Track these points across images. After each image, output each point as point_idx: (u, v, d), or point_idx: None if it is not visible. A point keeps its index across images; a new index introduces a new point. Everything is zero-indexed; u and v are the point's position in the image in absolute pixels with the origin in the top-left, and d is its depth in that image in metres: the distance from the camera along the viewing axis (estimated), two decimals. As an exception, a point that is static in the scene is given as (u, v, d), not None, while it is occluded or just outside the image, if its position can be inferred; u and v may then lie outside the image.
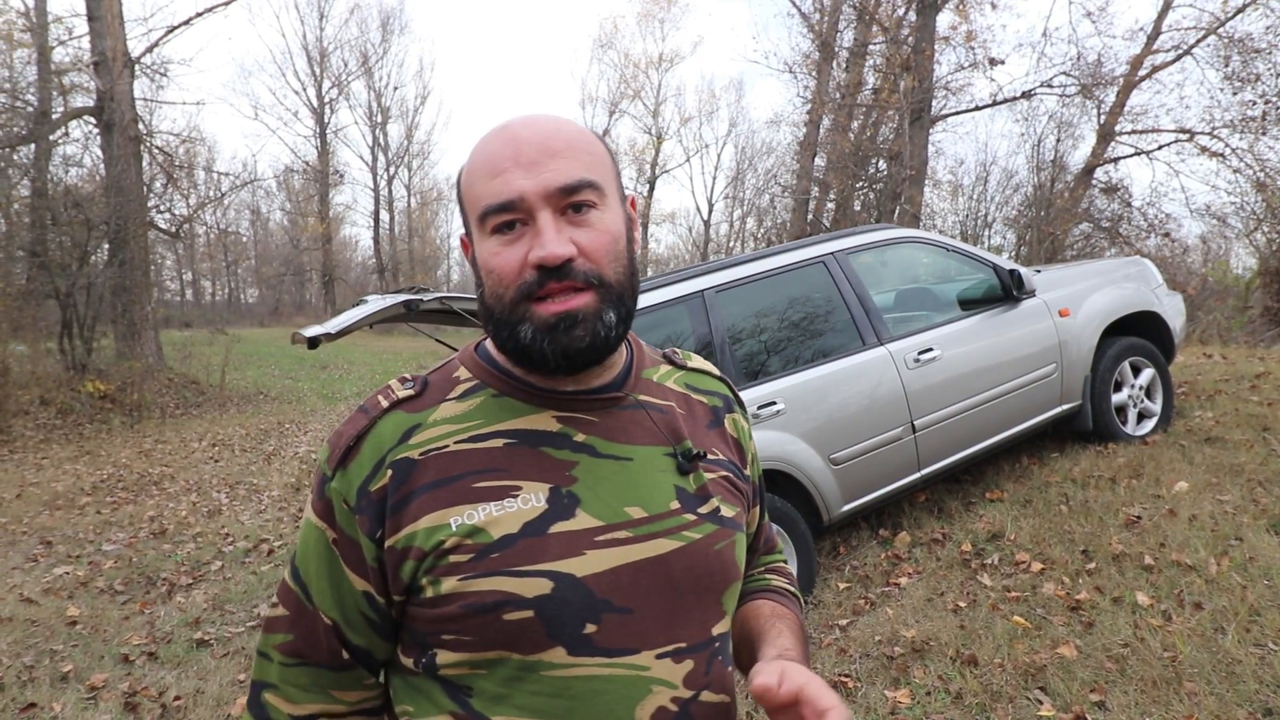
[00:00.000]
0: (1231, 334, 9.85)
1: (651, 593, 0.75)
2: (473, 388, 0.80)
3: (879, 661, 2.92)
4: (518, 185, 0.72)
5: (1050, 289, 4.31)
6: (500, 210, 0.72)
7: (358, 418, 0.79)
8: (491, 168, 0.73)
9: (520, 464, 0.76)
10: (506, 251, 0.73)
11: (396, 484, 0.74)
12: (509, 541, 0.72)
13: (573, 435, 0.78)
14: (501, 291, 0.74)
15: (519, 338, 0.74)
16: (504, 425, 0.77)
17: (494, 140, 0.75)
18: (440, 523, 0.73)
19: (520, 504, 0.74)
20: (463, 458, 0.75)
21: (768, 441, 3.47)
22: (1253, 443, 4.14)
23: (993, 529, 3.76)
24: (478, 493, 0.74)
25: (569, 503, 0.75)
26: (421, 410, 0.78)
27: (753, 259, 3.83)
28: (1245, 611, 2.68)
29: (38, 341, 11.19)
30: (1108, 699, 2.43)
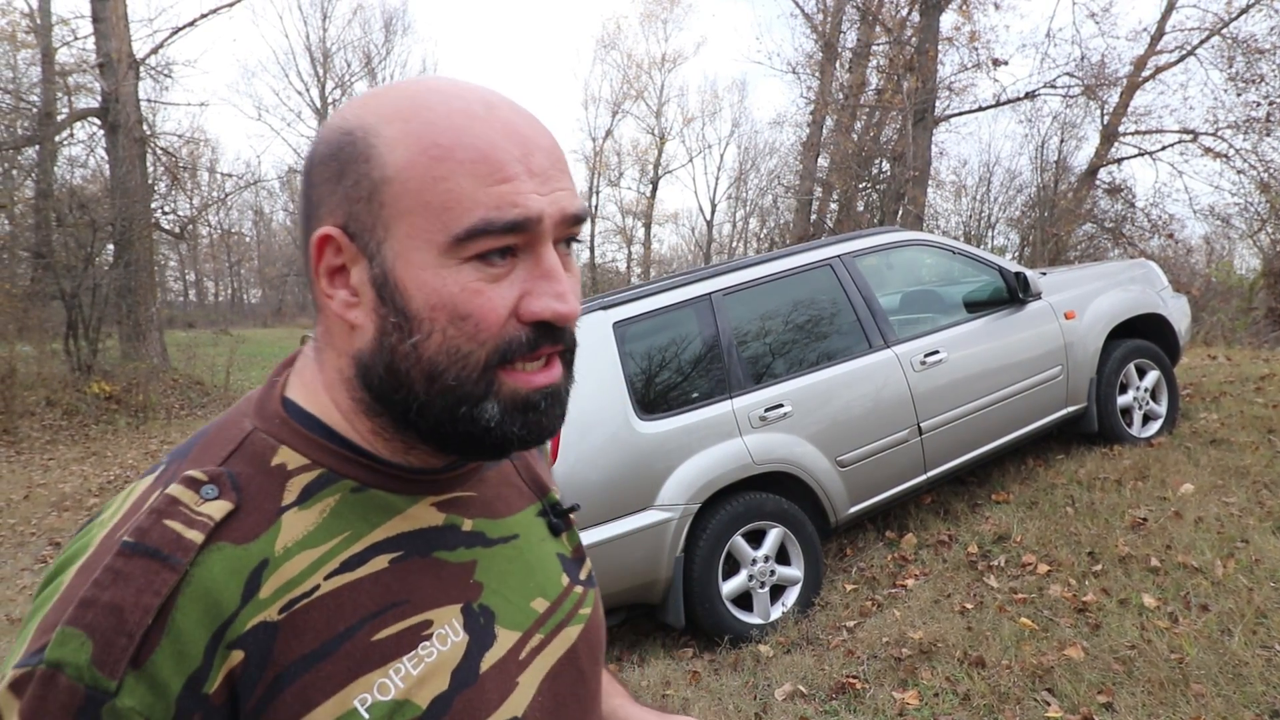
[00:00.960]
0: (1236, 335, 9.85)
1: (569, 698, 0.61)
2: (316, 482, 0.53)
3: (886, 663, 2.93)
4: (535, 203, 0.51)
5: (1055, 291, 4.32)
6: (505, 231, 0.50)
7: (146, 573, 0.46)
8: (491, 165, 0.50)
9: (419, 586, 0.54)
10: (491, 291, 0.51)
11: (255, 671, 0.47)
12: (444, 706, 0.52)
13: (460, 525, 0.58)
14: (470, 349, 0.51)
15: (479, 418, 0.52)
16: (380, 534, 0.54)
17: (485, 122, 0.51)
18: (344, 711, 0.48)
19: (438, 645, 0.53)
20: (344, 600, 0.51)
21: (775, 444, 3.49)
22: (1258, 445, 4.15)
23: (999, 531, 3.77)
24: (382, 649, 0.51)
25: (485, 622, 0.56)
26: (257, 536, 0.50)
27: (760, 262, 3.84)
28: (1251, 613, 2.69)
29: (43, 343, 11.23)
30: (1115, 700, 2.44)
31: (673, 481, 3.32)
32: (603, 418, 3.30)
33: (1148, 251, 14.52)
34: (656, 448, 3.33)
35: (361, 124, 0.52)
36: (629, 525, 3.25)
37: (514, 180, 0.50)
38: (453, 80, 0.54)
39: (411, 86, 0.53)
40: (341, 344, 0.55)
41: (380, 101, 0.53)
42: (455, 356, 0.51)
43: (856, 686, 2.83)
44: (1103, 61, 15.01)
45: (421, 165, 0.50)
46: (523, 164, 0.51)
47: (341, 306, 0.53)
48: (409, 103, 0.52)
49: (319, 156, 0.54)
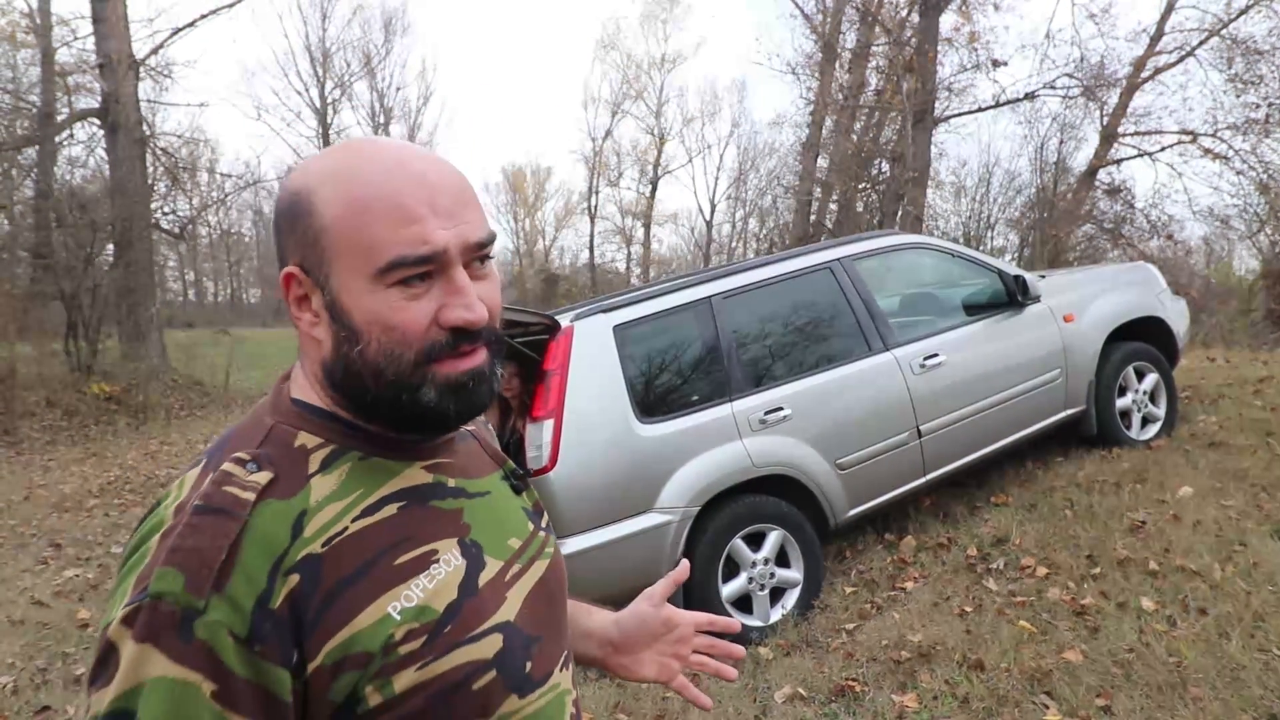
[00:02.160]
0: (1235, 337, 9.87)
1: (546, 614, 0.78)
2: (331, 455, 0.69)
3: (886, 666, 2.94)
4: (440, 237, 0.65)
5: (1055, 294, 4.33)
6: (418, 263, 0.65)
7: (216, 524, 0.61)
8: (403, 211, 0.64)
9: (422, 526, 0.70)
10: (413, 307, 0.66)
11: (309, 589, 0.62)
12: (455, 609, 0.67)
13: (446, 482, 0.75)
14: (400, 352, 0.66)
15: (420, 401, 0.68)
16: (386, 489, 0.70)
17: (396, 176, 0.66)
18: (380, 615, 0.63)
19: (445, 568, 0.69)
20: (368, 536, 0.66)
21: (775, 447, 3.50)
22: (1256, 448, 4.16)
23: (998, 533, 3.78)
24: (402, 570, 0.66)
25: (476, 551, 0.72)
26: (295, 494, 0.65)
27: (760, 265, 3.85)
28: (1250, 617, 2.70)
29: (43, 343, 11.24)
30: (1113, 704, 2.45)
31: (673, 484, 3.33)
32: (603, 421, 3.31)
33: (1147, 252, 14.53)
34: (656, 451, 3.34)
35: (306, 185, 0.68)
36: (629, 528, 3.26)
37: (421, 221, 0.65)
38: (377, 142, 0.69)
39: (344, 151, 0.69)
40: (313, 354, 0.72)
41: (320, 165, 0.69)
42: (390, 358, 0.67)
43: (856, 689, 2.83)
44: (1102, 62, 15.03)
45: (348, 216, 0.66)
46: (429, 206, 0.66)
47: (308, 326, 0.70)
48: (340, 165, 0.67)
49: (279, 212, 0.70)
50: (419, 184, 0.66)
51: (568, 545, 3.20)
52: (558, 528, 3.23)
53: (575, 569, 3.15)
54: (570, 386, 3.30)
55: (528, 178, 40.77)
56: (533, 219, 40.94)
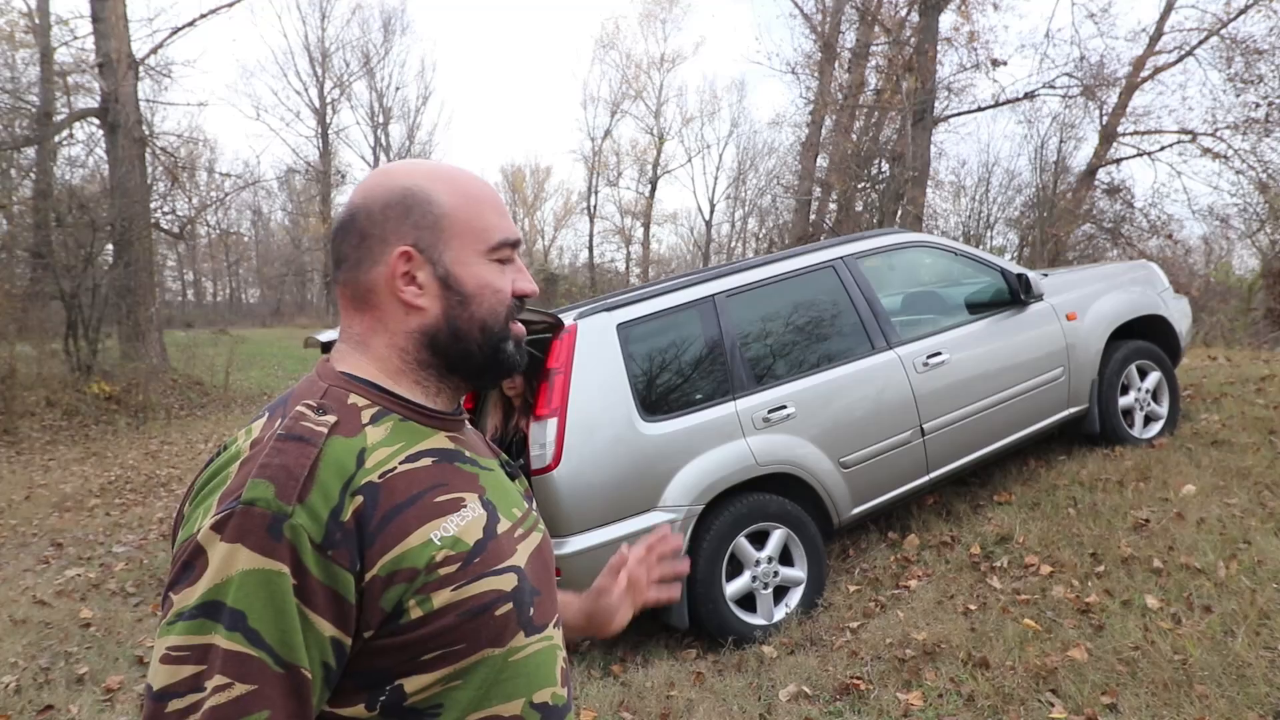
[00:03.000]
0: (1236, 336, 9.87)
1: (544, 575, 0.90)
2: (378, 414, 0.81)
3: (890, 664, 2.94)
4: (516, 230, 0.88)
5: (1057, 293, 4.33)
6: (512, 245, 0.87)
7: (298, 448, 0.73)
8: (500, 208, 0.87)
9: (452, 478, 0.82)
10: (503, 277, 0.86)
11: (370, 509, 0.73)
12: (481, 546, 0.79)
13: (464, 451, 0.87)
14: (500, 310, 0.85)
15: (503, 349, 0.86)
16: (422, 446, 0.82)
17: (486, 185, 0.88)
18: (424, 539, 0.75)
19: (472, 513, 0.81)
20: (414, 477, 0.78)
21: (778, 445, 3.49)
22: (1259, 446, 4.16)
23: (1001, 532, 3.78)
24: (441, 507, 0.78)
25: (491, 508, 0.84)
26: (355, 434, 0.78)
27: (763, 263, 3.85)
28: (1255, 614, 2.70)
29: (43, 343, 11.22)
30: (1119, 701, 2.45)
31: (676, 483, 3.32)
32: (606, 419, 3.31)
33: (1147, 252, 14.54)
34: (660, 449, 3.34)
35: (415, 182, 0.85)
36: (633, 527, 3.25)
37: (506, 216, 0.89)
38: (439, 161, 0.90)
39: (429, 162, 0.88)
40: (399, 325, 0.85)
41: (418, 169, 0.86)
42: (494, 315, 0.86)
43: (861, 687, 2.83)
44: (1101, 62, 15.03)
45: (466, 206, 0.85)
46: (504, 208, 0.89)
47: (413, 297, 0.83)
48: (440, 170, 0.87)
49: (382, 203, 0.84)
50: (490, 193, 0.88)
51: (571, 544, 3.20)
52: (561, 526, 3.22)
53: (579, 568, 3.16)
54: (574, 385, 3.29)
55: (527, 177, 40.76)
56: (532, 218, 40.93)
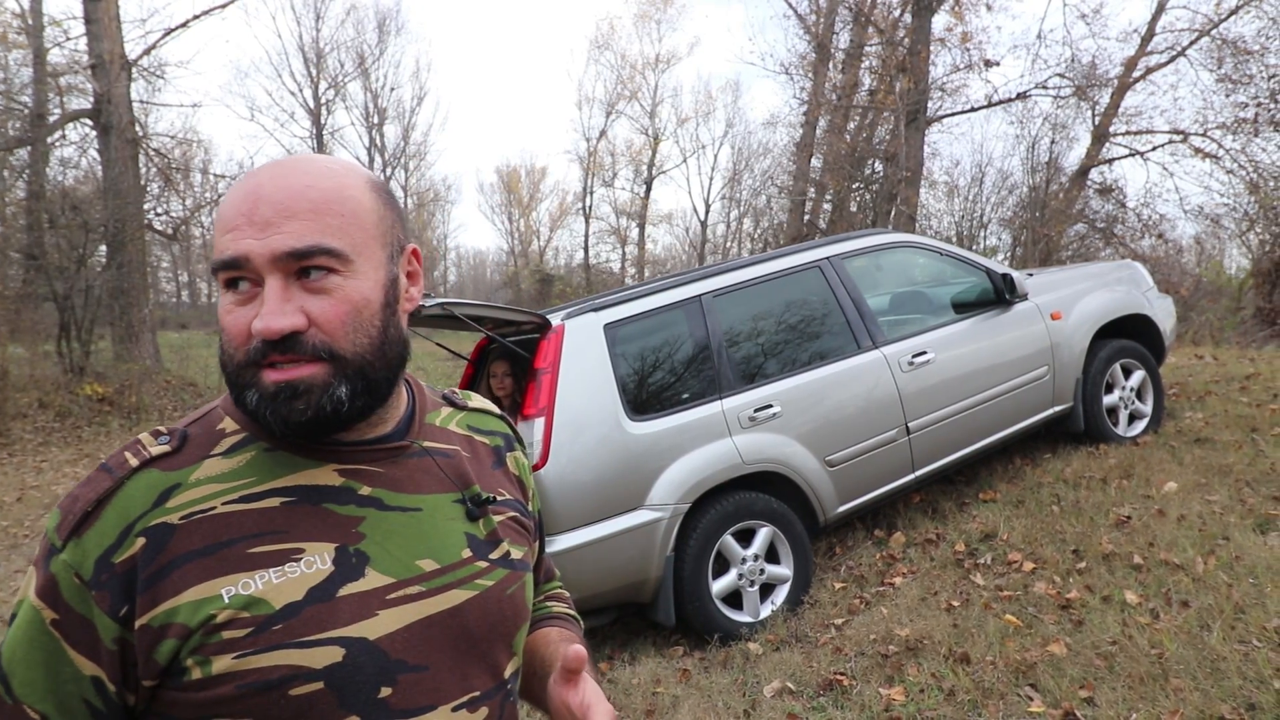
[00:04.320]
0: (1224, 335, 9.93)
1: (445, 646, 0.74)
2: (241, 442, 0.73)
3: (874, 660, 2.97)
4: (245, 245, 0.68)
5: (1042, 292, 4.37)
6: (225, 267, 0.69)
7: (98, 478, 0.69)
8: (226, 221, 0.70)
9: (302, 524, 0.71)
10: (238, 312, 0.70)
11: (150, 554, 0.66)
12: (293, 610, 0.67)
13: (357, 489, 0.74)
14: (232, 352, 0.71)
15: (245, 402, 0.71)
16: (280, 482, 0.72)
17: (237, 190, 0.71)
18: (209, 595, 0.66)
19: (304, 568, 0.69)
20: (234, 521, 0.69)
21: (764, 444, 3.53)
22: (1241, 443, 4.21)
23: (986, 529, 3.82)
24: (254, 559, 0.68)
25: (358, 562, 0.71)
26: (180, 468, 0.70)
27: (749, 264, 3.88)
28: (1230, 609, 2.74)
29: (35, 344, 11.21)
30: (1096, 695, 2.48)
31: (663, 482, 3.35)
32: (594, 419, 3.34)
33: (1139, 251, 14.62)
34: (647, 448, 3.37)
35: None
36: (620, 525, 3.29)
37: (235, 230, 0.69)
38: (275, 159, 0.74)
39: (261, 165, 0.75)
40: None
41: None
42: (226, 356, 0.72)
43: (844, 683, 2.86)
44: (1093, 62, 15.10)
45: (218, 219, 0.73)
46: (246, 217, 0.69)
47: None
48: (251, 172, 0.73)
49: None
50: (245, 196, 0.70)
51: (559, 542, 3.23)
52: (549, 525, 3.25)
53: (566, 566, 3.19)
54: (561, 385, 3.32)
55: (522, 178, 40.76)
56: (527, 219, 40.93)
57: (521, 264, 37.82)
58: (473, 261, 51.59)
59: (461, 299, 3.44)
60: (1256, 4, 13.27)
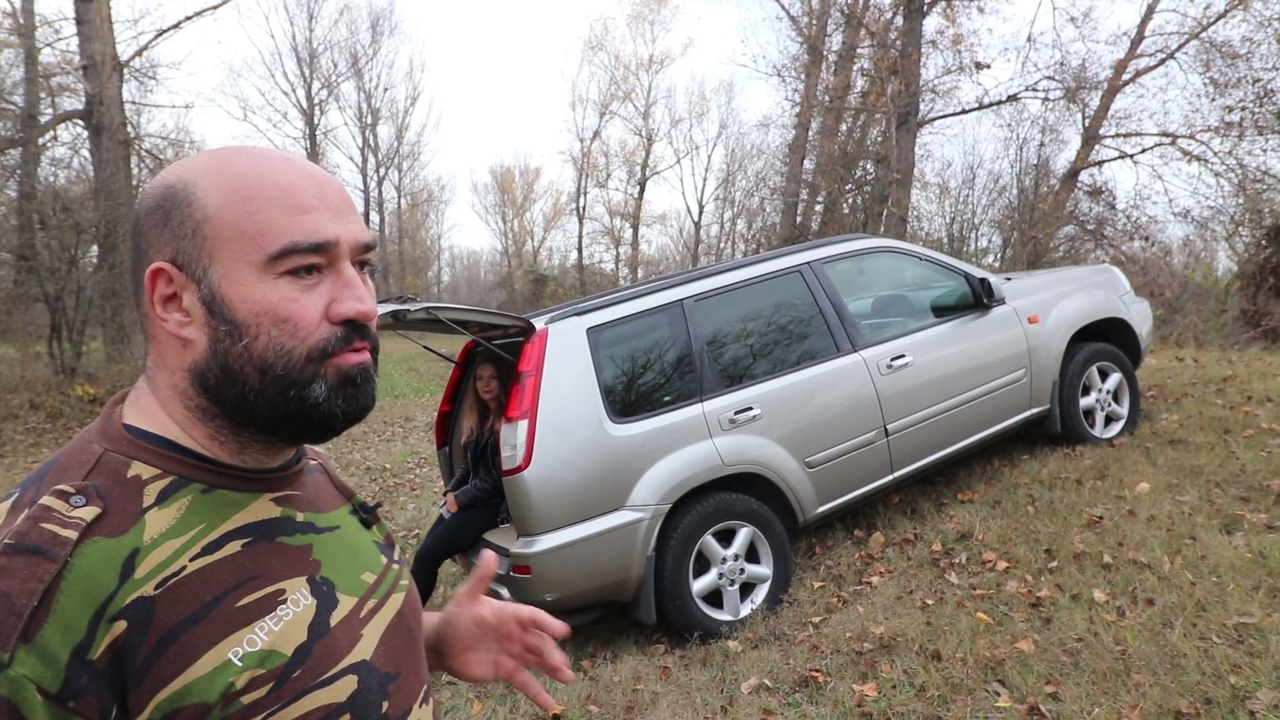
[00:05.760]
0: (1208, 337, 10.04)
1: (405, 649, 0.76)
2: (170, 487, 0.64)
3: (849, 657, 3.04)
4: (333, 229, 0.65)
5: (1020, 296, 4.45)
6: (310, 251, 0.64)
7: (28, 566, 0.55)
8: (294, 201, 0.64)
9: (270, 564, 0.66)
10: (305, 299, 0.64)
11: (138, 637, 0.57)
12: (305, 652, 0.64)
13: (295, 516, 0.71)
14: (292, 346, 0.64)
15: (309, 398, 0.66)
16: (230, 524, 0.65)
17: (285, 168, 0.66)
18: (219, 662, 0.59)
19: (294, 608, 0.65)
20: (209, 577, 0.61)
21: (744, 446, 3.59)
22: (1214, 445, 4.29)
23: (962, 529, 3.89)
24: (246, 612, 0.62)
25: (328, 589, 0.69)
26: (126, 531, 0.59)
27: (731, 268, 3.95)
28: (1192, 607, 2.82)
29: (26, 345, 11.22)
30: (1061, 690, 2.56)
31: (644, 483, 3.42)
32: (576, 421, 3.40)
33: (1129, 253, 14.75)
34: (629, 450, 3.43)
35: (180, 179, 0.66)
36: (602, 525, 3.35)
37: (314, 211, 0.65)
38: (254, 146, 0.69)
39: (220, 150, 0.68)
40: (175, 362, 0.67)
41: (194, 162, 0.67)
42: (280, 353, 0.65)
43: (819, 679, 2.93)
44: (1084, 65, 15.23)
45: (235, 203, 0.64)
46: (319, 199, 0.66)
47: (176, 326, 0.66)
48: (219, 160, 0.66)
49: (145, 209, 0.67)
50: (309, 177, 0.66)
51: (541, 542, 3.29)
52: (532, 525, 3.31)
53: (549, 566, 3.25)
54: (544, 387, 3.38)
55: (516, 178, 40.80)
56: (521, 220, 40.96)
57: (515, 264, 37.85)
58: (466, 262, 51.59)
59: (446, 303, 3.49)
60: (1243, 7, 13.40)
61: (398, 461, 7.98)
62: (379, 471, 7.65)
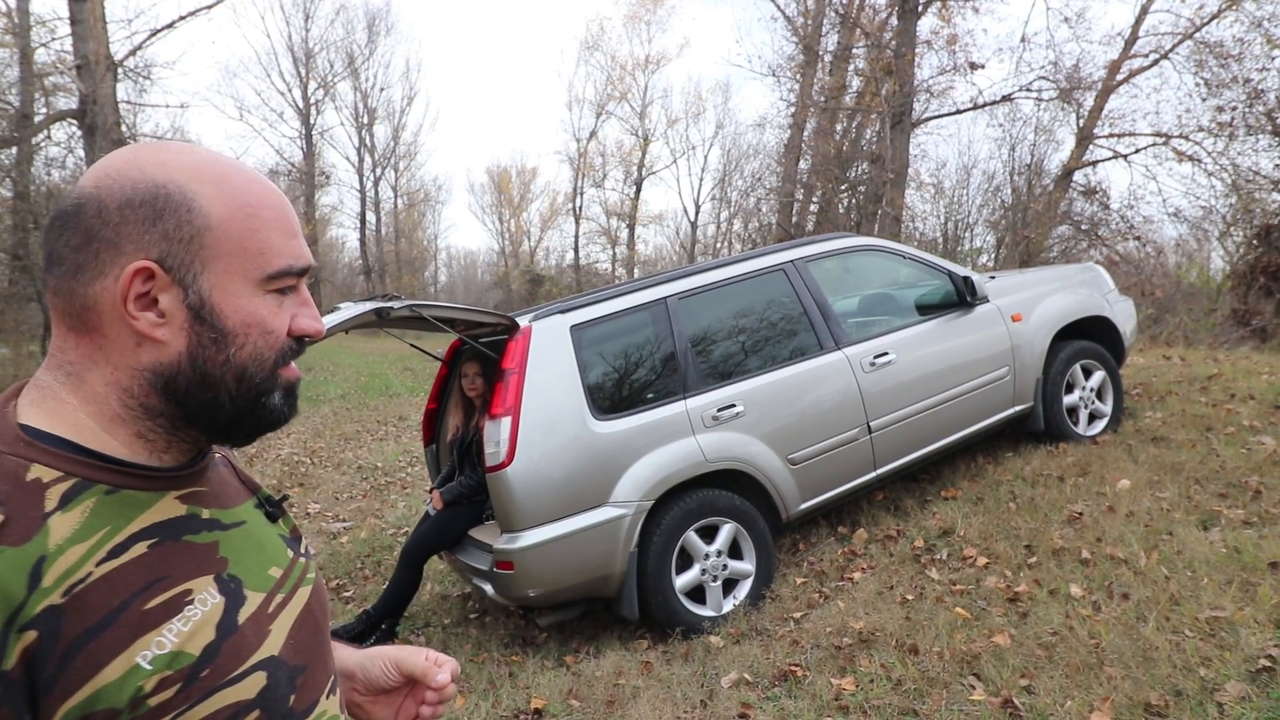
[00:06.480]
0: (1198, 336, 10.08)
1: (311, 641, 0.77)
2: (72, 490, 0.63)
3: (828, 651, 3.07)
4: (308, 254, 0.72)
5: (1003, 295, 4.48)
6: (300, 274, 0.71)
7: None
8: (287, 225, 0.71)
9: (176, 564, 0.66)
10: (282, 314, 0.71)
11: (48, 646, 0.57)
12: (214, 650, 0.65)
13: (200, 514, 0.71)
14: (267, 355, 0.70)
15: (268, 403, 0.72)
16: (135, 526, 0.65)
17: (271, 192, 0.71)
18: (128, 667, 0.60)
19: (201, 607, 0.66)
20: (115, 581, 0.61)
21: (727, 442, 3.62)
22: (1195, 442, 4.32)
23: (945, 525, 3.92)
24: (153, 615, 0.62)
25: (235, 587, 0.70)
26: (30, 538, 0.59)
27: (714, 267, 3.98)
28: (1166, 601, 2.85)
29: (20, 345, 11.24)
30: (1035, 683, 2.58)
31: (627, 479, 3.44)
32: (560, 418, 3.42)
33: (1123, 252, 14.80)
34: (612, 447, 3.45)
35: (172, 180, 0.66)
36: (585, 521, 3.37)
37: (298, 237, 0.72)
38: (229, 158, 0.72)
39: (202, 156, 0.69)
40: (124, 359, 0.67)
41: (179, 163, 0.67)
42: (259, 361, 0.70)
43: (798, 674, 2.96)
44: (1078, 65, 15.28)
45: (239, 219, 0.68)
46: (296, 225, 0.73)
47: (148, 326, 0.66)
48: (210, 170, 0.68)
49: (122, 200, 0.65)
50: (286, 203, 0.72)
51: (525, 538, 3.31)
52: (515, 521, 3.33)
53: (532, 562, 3.27)
54: (528, 385, 3.40)
55: (513, 178, 40.82)
56: (518, 220, 40.97)
57: (512, 264, 37.86)
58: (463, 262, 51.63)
59: (430, 301, 3.52)
60: (1235, 8, 13.45)
61: (390, 460, 8.00)
62: (370, 470, 7.67)
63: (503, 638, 3.86)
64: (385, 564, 5.00)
